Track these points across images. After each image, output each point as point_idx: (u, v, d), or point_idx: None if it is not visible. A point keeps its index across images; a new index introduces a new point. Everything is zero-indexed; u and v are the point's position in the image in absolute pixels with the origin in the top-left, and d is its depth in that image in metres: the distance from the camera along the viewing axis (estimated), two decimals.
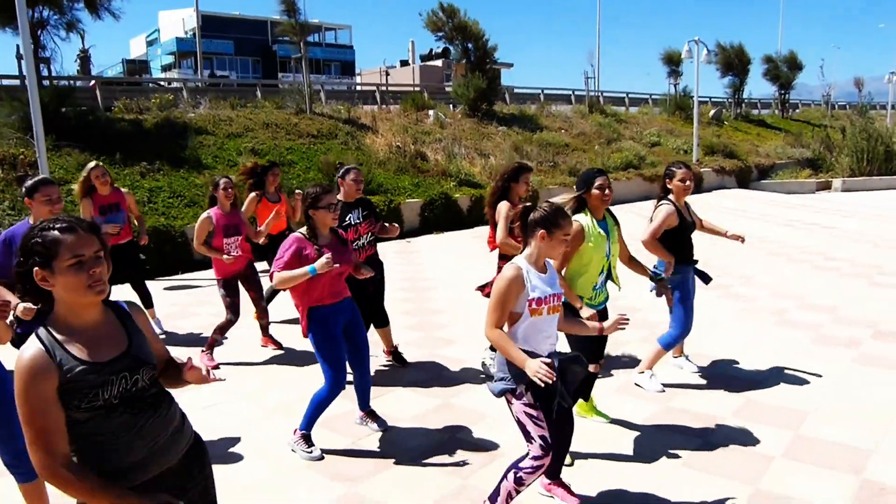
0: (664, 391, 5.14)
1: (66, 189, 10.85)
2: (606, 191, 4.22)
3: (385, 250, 11.98)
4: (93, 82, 19.39)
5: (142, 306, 6.74)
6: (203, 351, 6.01)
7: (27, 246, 1.98)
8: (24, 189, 4.00)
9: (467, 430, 4.52)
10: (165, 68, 52.88)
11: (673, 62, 29.76)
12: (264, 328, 6.55)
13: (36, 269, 1.95)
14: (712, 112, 31.03)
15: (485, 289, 5.31)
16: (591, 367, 4.17)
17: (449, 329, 7.01)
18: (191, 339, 6.80)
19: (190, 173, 12.90)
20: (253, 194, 7.19)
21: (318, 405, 4.19)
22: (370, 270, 4.60)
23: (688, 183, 5.07)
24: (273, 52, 53.85)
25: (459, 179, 15.81)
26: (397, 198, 13.96)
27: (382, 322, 5.82)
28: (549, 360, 2.95)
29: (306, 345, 5.24)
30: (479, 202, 15.29)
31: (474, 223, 14.78)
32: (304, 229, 4.28)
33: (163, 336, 6.87)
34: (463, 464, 4.05)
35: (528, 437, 3.14)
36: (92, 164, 6.83)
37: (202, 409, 4.86)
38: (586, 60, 30.14)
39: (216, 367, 5.84)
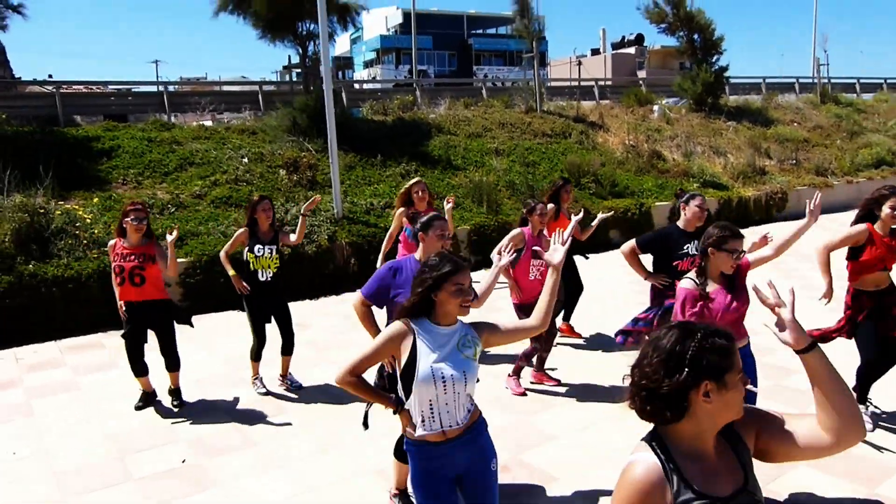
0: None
1: (343, 189, 11.57)
2: None
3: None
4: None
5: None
6: (510, 375, 6.03)
7: (695, 357, 1.75)
8: (418, 224, 4.07)
9: None
10: (367, 64, 55.45)
11: None
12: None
13: (707, 382, 1.74)
14: None
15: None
16: None
17: (781, 353, 6.63)
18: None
19: (445, 174, 13.31)
20: (551, 206, 7.20)
21: None
22: None
23: None
24: (469, 45, 54.85)
25: (703, 180, 15.14)
26: (646, 201, 13.60)
27: None
28: None
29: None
30: (728, 205, 14.61)
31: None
32: (693, 272, 4.04)
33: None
34: None
35: None
36: (414, 179, 7.10)
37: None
38: (818, 44, 27.14)
39: (523, 394, 5.84)
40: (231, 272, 5.94)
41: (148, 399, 5.94)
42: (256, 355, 6.17)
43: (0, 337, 7.72)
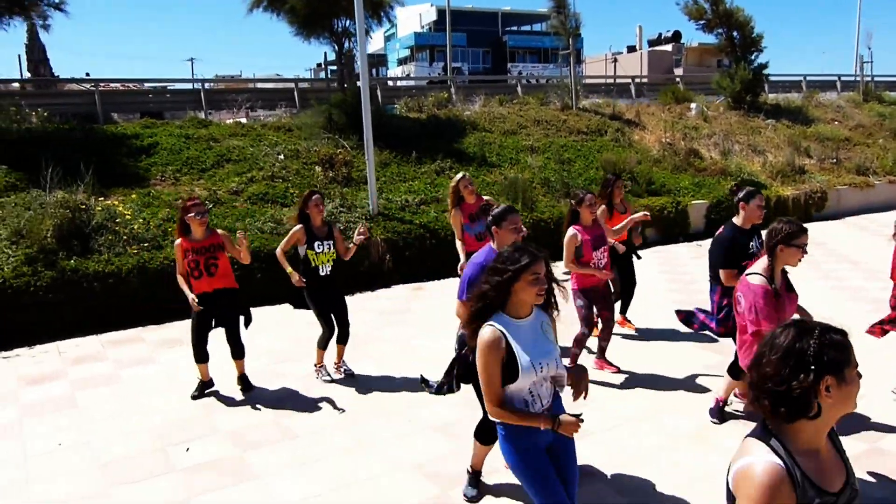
0: None
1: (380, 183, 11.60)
2: None
3: (676, 252, 11.68)
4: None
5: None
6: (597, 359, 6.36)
7: (817, 354, 1.76)
8: (490, 218, 4.12)
9: None
10: (401, 62, 55.60)
11: None
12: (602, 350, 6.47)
13: (828, 377, 1.74)
14: None
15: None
16: None
17: None
18: None
19: (480, 171, 13.26)
20: (602, 207, 7.18)
21: None
22: None
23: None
24: (503, 42, 54.70)
25: (741, 179, 14.87)
26: (683, 199, 13.42)
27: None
28: None
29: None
30: (766, 204, 14.31)
31: (761, 227, 13.95)
32: (759, 268, 4.11)
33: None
34: None
35: None
36: (459, 174, 7.04)
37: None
38: (861, 41, 26.53)
39: (616, 371, 6.21)
40: (288, 269, 6.00)
41: (204, 388, 6.05)
42: (324, 343, 6.27)
43: (43, 330, 7.88)
